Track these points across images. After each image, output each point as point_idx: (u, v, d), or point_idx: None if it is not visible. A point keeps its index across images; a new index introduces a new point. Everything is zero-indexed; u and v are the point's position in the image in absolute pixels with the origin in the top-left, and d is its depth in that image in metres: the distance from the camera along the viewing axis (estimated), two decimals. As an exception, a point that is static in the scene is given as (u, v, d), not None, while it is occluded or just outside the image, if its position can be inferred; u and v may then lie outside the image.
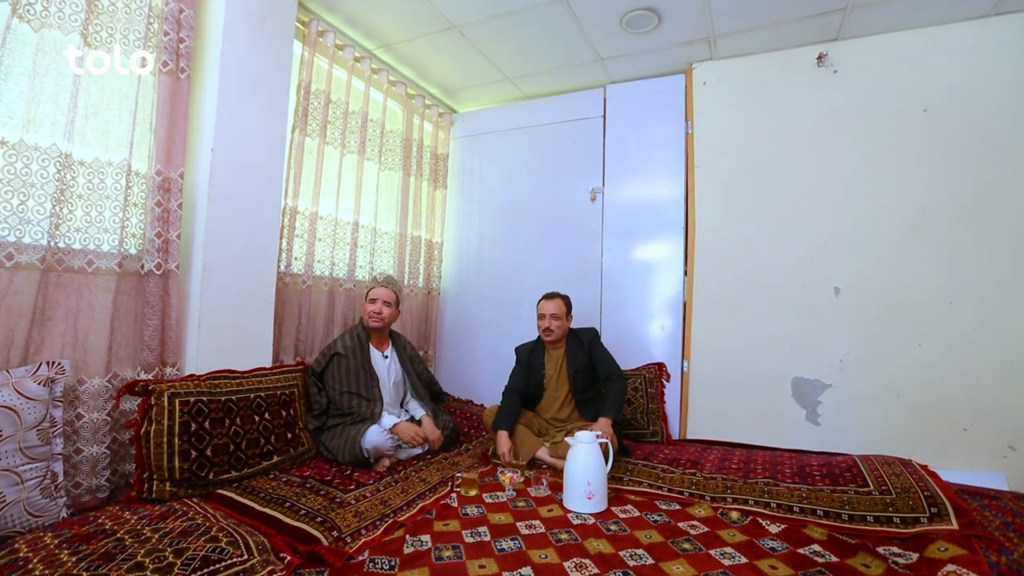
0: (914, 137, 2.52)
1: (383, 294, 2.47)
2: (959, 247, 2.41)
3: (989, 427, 2.31)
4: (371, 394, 2.32)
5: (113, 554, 1.23)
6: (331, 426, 2.26)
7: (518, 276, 3.51)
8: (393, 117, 3.31)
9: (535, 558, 1.48)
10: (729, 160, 2.91)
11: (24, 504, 1.42)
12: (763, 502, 1.86)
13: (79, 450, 1.75)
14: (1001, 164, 2.36)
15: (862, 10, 2.45)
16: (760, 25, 2.64)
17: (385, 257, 3.29)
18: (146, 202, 1.94)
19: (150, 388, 1.76)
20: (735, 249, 2.86)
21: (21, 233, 1.63)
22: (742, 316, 2.81)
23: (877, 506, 1.73)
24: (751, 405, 2.77)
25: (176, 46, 1.99)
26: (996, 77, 2.39)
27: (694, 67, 3.02)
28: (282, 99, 2.38)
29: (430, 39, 2.91)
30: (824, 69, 2.72)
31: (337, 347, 2.37)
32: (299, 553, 1.41)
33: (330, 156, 2.77)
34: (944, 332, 2.42)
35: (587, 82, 3.32)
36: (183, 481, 1.73)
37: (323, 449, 2.22)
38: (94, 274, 1.81)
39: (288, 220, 2.51)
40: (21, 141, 1.62)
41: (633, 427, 2.81)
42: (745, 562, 1.47)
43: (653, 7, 2.52)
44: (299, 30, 2.56)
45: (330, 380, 2.32)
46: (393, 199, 3.32)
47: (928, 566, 1.40)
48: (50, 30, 1.67)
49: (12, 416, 1.42)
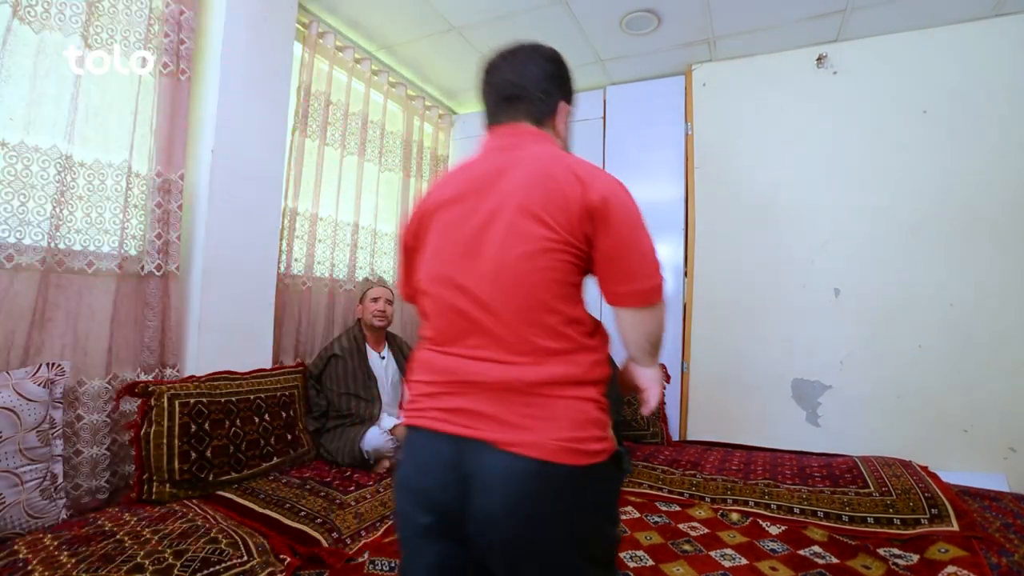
0: (914, 138, 2.52)
1: (385, 293, 2.48)
2: (959, 248, 2.41)
3: (989, 428, 2.31)
4: (369, 395, 2.32)
5: (113, 556, 1.22)
6: (331, 428, 2.26)
7: (518, 277, 3.50)
8: (393, 118, 3.31)
9: (535, 560, 1.48)
10: (729, 161, 2.91)
11: (24, 505, 1.42)
12: (763, 503, 1.86)
13: (79, 451, 1.74)
14: (1001, 165, 2.36)
15: (862, 11, 2.45)
16: (760, 27, 2.64)
17: (385, 258, 3.29)
18: (146, 203, 1.94)
19: (150, 389, 1.76)
20: (735, 250, 2.86)
21: (21, 235, 1.63)
22: (742, 317, 2.81)
23: (877, 507, 1.72)
24: (751, 406, 2.77)
25: (176, 48, 1.99)
26: (996, 78, 2.40)
27: (694, 68, 3.02)
28: (282, 100, 2.38)
29: (430, 41, 2.91)
30: (824, 70, 2.72)
31: (334, 349, 2.37)
32: (299, 555, 1.40)
33: (330, 157, 2.77)
34: (944, 333, 2.41)
35: (587, 83, 3.33)
36: (183, 482, 1.73)
37: (323, 451, 2.22)
38: (94, 275, 1.81)
39: (288, 221, 2.51)
40: (22, 143, 1.62)
41: (633, 428, 2.81)
42: (745, 563, 1.47)
43: (653, 9, 2.53)
44: (299, 32, 2.56)
45: (328, 382, 2.32)
46: (393, 200, 3.32)
47: (928, 567, 1.40)
48: (51, 32, 1.67)
49: (12, 417, 1.42)
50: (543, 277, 0.77)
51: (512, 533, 0.73)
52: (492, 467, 0.74)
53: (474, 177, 0.84)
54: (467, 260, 0.80)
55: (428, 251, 0.86)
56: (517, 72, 0.92)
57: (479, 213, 0.80)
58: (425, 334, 0.88)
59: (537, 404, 0.75)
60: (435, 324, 0.86)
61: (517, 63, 0.93)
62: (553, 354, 0.77)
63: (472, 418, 0.76)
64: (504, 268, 0.77)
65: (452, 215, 0.83)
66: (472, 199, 0.82)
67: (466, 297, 0.79)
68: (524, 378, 0.76)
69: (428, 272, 0.85)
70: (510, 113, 0.91)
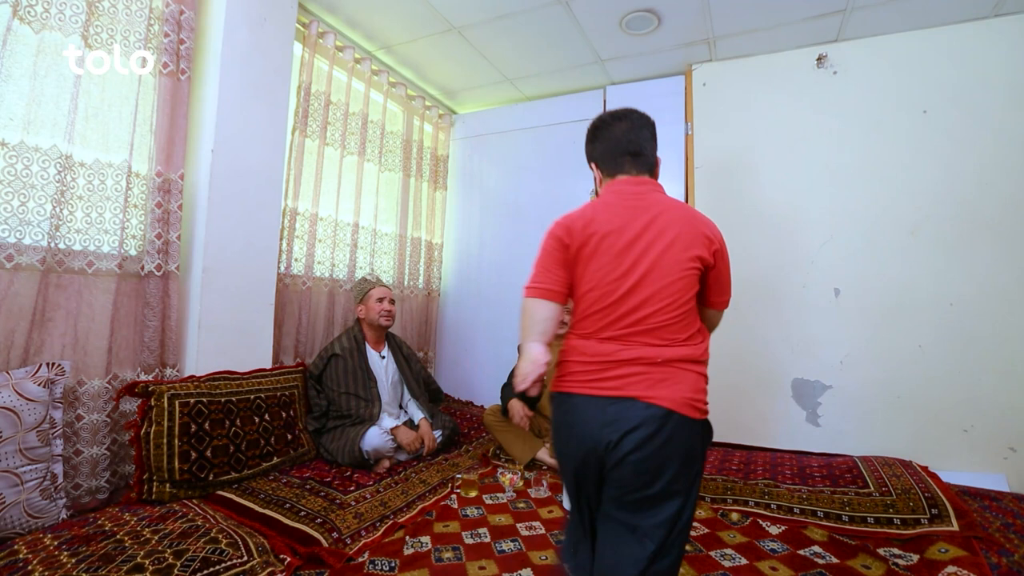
0: (914, 138, 2.52)
1: (388, 292, 2.50)
2: (959, 248, 2.41)
3: (989, 428, 2.31)
4: (369, 394, 2.32)
5: (113, 555, 1.23)
6: (331, 428, 2.26)
7: (518, 277, 3.46)
8: (393, 118, 3.31)
9: (535, 559, 1.48)
10: (729, 161, 2.91)
11: (24, 505, 1.42)
12: (763, 503, 1.86)
13: (79, 451, 1.74)
14: (1001, 165, 2.36)
15: (862, 11, 2.45)
16: (760, 27, 2.64)
17: (385, 258, 3.29)
18: (146, 203, 1.94)
19: (150, 389, 1.76)
20: (735, 250, 2.80)
21: (21, 234, 1.63)
22: (742, 317, 2.81)
23: (878, 507, 1.72)
24: (751, 406, 2.77)
25: (176, 47, 2.00)
26: (996, 78, 2.40)
27: (694, 68, 3.02)
28: (282, 100, 2.38)
29: (430, 41, 2.91)
30: (824, 70, 2.72)
31: (335, 348, 2.37)
32: (299, 554, 1.41)
33: (330, 157, 2.77)
34: (944, 333, 2.41)
35: (587, 83, 3.33)
36: (183, 482, 1.73)
37: (323, 451, 2.22)
38: (94, 275, 1.81)
39: (288, 221, 2.51)
40: (22, 143, 1.62)
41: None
42: (745, 563, 1.47)
43: (653, 9, 2.53)
44: (299, 31, 2.56)
45: (328, 381, 2.32)
46: (393, 200, 3.32)
47: (928, 567, 1.40)
48: (51, 32, 1.67)
49: (12, 417, 1.42)
50: (685, 288, 1.11)
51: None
52: (637, 414, 1.04)
53: (633, 212, 1.15)
54: (634, 274, 1.11)
55: (597, 264, 1.14)
56: (635, 132, 1.24)
57: (643, 241, 1.12)
58: (584, 326, 1.16)
59: (670, 373, 1.07)
60: (599, 318, 1.13)
61: (634, 125, 1.26)
62: (683, 341, 1.11)
63: (622, 383, 1.07)
64: (663, 281, 1.10)
65: (621, 240, 1.13)
66: (635, 229, 1.13)
67: (631, 301, 1.10)
68: (664, 356, 1.08)
69: (602, 280, 1.13)
70: (636, 165, 1.23)
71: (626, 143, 1.24)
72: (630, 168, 1.23)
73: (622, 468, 1.05)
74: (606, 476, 1.09)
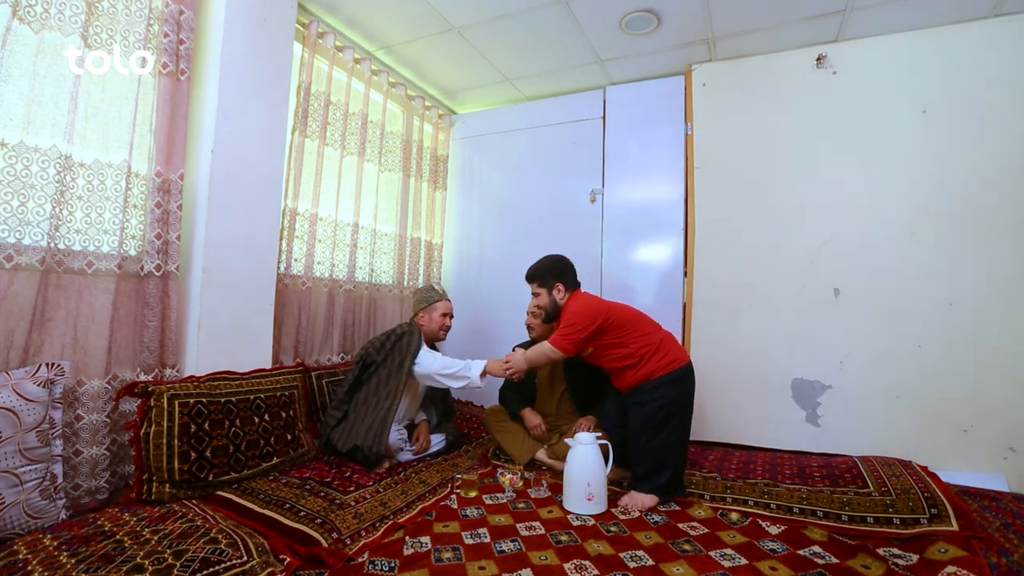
0: (914, 138, 2.52)
1: (451, 308, 2.57)
2: (959, 248, 2.41)
3: (989, 428, 2.31)
4: (399, 398, 2.27)
5: (112, 556, 1.22)
6: (354, 411, 2.22)
7: (518, 277, 3.47)
8: (393, 118, 3.31)
9: (535, 560, 1.48)
10: (729, 161, 2.91)
11: (23, 506, 1.42)
12: (763, 503, 1.86)
13: (78, 452, 1.74)
14: (1001, 165, 2.36)
15: (861, 11, 2.45)
16: (759, 27, 2.64)
17: (385, 258, 3.29)
18: (146, 203, 1.94)
19: (150, 389, 1.75)
20: (735, 250, 2.86)
21: (21, 235, 1.63)
22: (742, 317, 2.81)
23: (877, 507, 1.73)
24: (751, 406, 2.77)
25: (176, 47, 1.99)
26: (995, 78, 2.40)
27: (694, 68, 3.02)
28: (282, 100, 2.38)
29: (430, 41, 2.91)
30: (823, 70, 2.72)
31: (411, 350, 2.30)
32: (299, 555, 1.40)
33: (330, 157, 2.77)
34: (944, 333, 2.42)
35: (587, 83, 3.33)
36: (182, 483, 1.73)
37: (338, 435, 2.17)
38: (94, 276, 1.81)
39: (288, 221, 2.51)
40: (21, 143, 1.62)
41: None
42: (745, 563, 1.47)
43: (653, 9, 2.53)
44: (299, 32, 2.56)
45: (382, 368, 2.27)
46: (393, 200, 3.32)
47: (928, 567, 1.40)
48: (50, 32, 1.67)
49: (11, 418, 1.42)
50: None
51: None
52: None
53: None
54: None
55: (630, 322, 2.14)
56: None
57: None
58: (646, 352, 2.10)
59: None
60: (654, 341, 2.13)
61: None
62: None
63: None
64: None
65: (630, 310, 2.21)
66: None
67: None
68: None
69: (646, 330, 2.15)
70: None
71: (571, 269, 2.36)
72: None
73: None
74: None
